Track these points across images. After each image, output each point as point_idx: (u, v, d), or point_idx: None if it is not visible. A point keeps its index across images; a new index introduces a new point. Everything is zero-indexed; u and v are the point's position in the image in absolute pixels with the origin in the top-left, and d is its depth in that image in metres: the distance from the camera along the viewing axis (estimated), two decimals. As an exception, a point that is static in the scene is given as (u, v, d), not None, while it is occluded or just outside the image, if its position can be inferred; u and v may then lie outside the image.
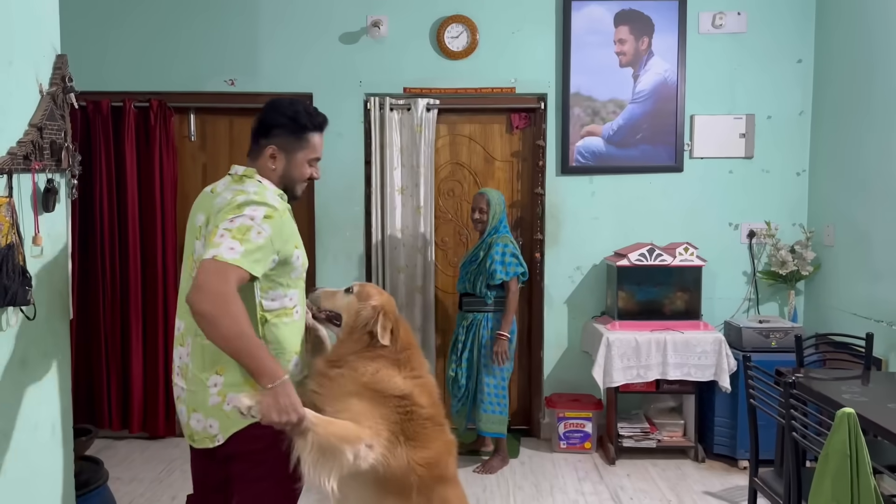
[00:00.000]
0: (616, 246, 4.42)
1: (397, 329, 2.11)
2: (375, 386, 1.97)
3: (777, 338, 4.06)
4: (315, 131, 2.12)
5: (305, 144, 2.10)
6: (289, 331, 2.02)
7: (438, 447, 2.02)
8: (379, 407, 1.95)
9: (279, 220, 1.95)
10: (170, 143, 4.45)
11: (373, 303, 2.11)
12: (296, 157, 2.10)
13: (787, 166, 4.45)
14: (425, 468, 1.96)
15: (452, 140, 4.61)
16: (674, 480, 3.89)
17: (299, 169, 2.12)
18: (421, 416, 2.01)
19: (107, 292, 4.42)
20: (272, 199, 2.01)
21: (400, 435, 1.95)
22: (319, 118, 2.14)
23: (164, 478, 3.93)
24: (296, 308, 2.06)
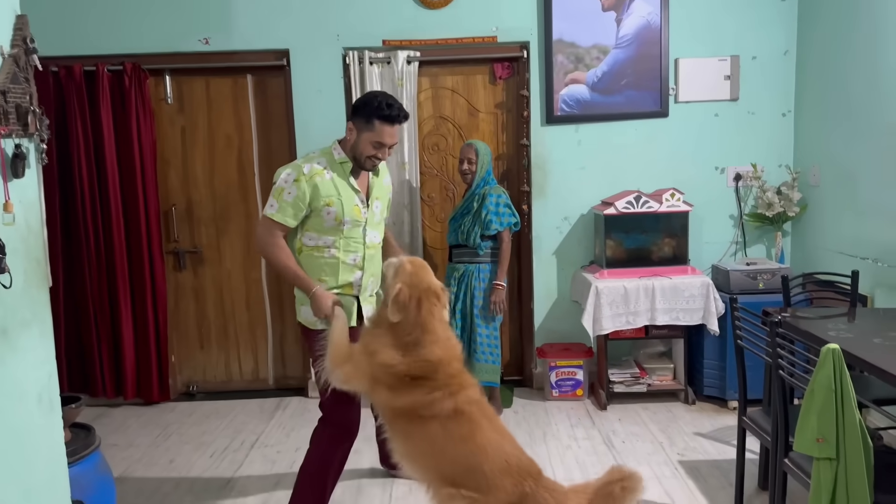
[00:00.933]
0: (603, 195, 4.40)
1: (410, 310, 2.29)
2: (370, 347, 2.31)
3: (764, 279, 4.08)
4: (382, 121, 2.68)
5: (371, 129, 2.69)
6: (318, 263, 2.74)
7: (417, 394, 2.25)
8: (366, 359, 2.33)
9: (306, 182, 2.66)
10: (146, 107, 4.37)
11: (396, 281, 2.34)
12: (363, 136, 2.71)
13: (772, 107, 4.41)
14: (404, 409, 2.27)
15: (435, 93, 4.54)
16: (665, 423, 3.95)
17: (363, 146, 2.72)
18: (400, 373, 2.27)
19: (91, 259, 4.38)
20: (311, 164, 2.71)
21: (380, 384, 2.30)
22: (388, 111, 2.67)
23: (161, 442, 3.96)
24: (328, 248, 2.74)
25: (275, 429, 4.08)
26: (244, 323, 4.71)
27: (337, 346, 2.43)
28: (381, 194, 2.94)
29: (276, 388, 4.74)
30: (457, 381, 2.30)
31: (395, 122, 2.71)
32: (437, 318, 2.34)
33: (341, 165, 2.76)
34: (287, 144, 4.48)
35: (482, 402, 2.33)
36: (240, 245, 4.63)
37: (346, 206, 2.73)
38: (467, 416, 2.23)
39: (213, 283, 4.67)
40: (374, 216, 2.87)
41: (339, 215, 2.71)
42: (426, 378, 2.26)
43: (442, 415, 2.23)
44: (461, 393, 2.27)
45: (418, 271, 2.40)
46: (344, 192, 2.75)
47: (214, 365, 4.75)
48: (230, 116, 4.54)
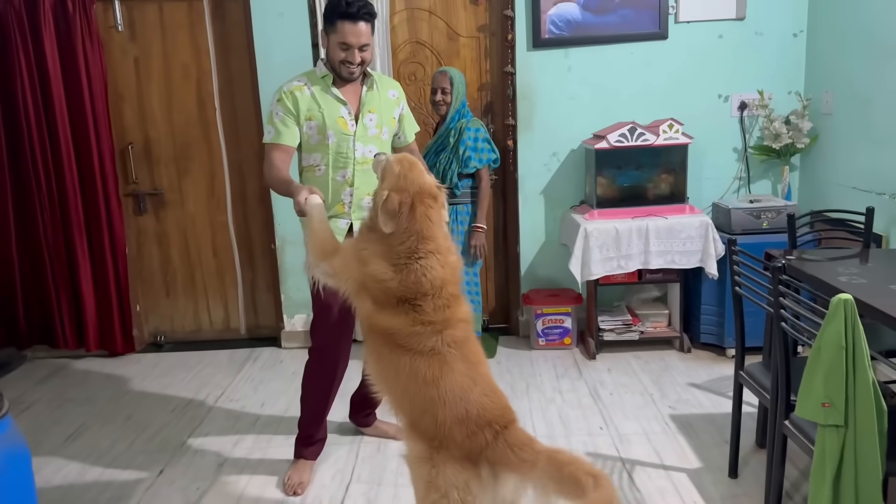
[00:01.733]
0: (595, 127, 4.02)
1: (403, 217, 2.03)
2: (362, 254, 2.09)
3: (769, 218, 3.75)
4: (342, 19, 2.51)
5: (334, 29, 2.54)
6: (313, 181, 2.66)
7: (400, 321, 2.02)
8: (356, 264, 2.11)
9: (288, 99, 2.61)
10: (93, 35, 3.97)
11: (384, 186, 2.09)
12: (330, 40, 2.58)
13: (782, 27, 3.98)
14: (383, 330, 2.05)
15: (410, 15, 4.12)
16: (657, 373, 3.69)
17: (332, 52, 2.58)
18: (389, 290, 2.03)
19: (44, 204, 4.07)
20: (290, 82, 2.65)
21: (366, 292, 2.08)
22: (346, 7, 2.49)
23: (120, 396, 3.73)
24: (318, 167, 2.68)
25: (242, 382, 3.83)
26: (212, 270, 4.42)
27: (319, 237, 2.27)
28: (380, 107, 2.73)
29: (249, 339, 4.48)
30: (445, 315, 2.04)
31: (358, 19, 2.52)
32: (436, 221, 2.07)
33: (323, 79, 2.66)
34: (248, 73, 4.09)
35: (468, 342, 2.07)
36: (203, 186, 4.30)
37: (327, 117, 2.63)
38: (441, 358, 2.00)
39: (176, 228, 4.36)
40: (367, 129, 2.69)
41: (321, 127, 2.63)
42: (415, 302, 2.02)
43: (415, 351, 2.00)
44: (446, 332, 2.03)
45: (408, 172, 2.11)
46: (326, 105, 2.64)
47: (182, 314, 4.48)
48: (186, 44, 4.14)
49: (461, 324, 2.08)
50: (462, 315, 2.11)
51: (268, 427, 3.27)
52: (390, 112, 2.77)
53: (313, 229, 2.29)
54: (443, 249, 2.06)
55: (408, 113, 2.88)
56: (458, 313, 2.09)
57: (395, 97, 2.80)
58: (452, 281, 2.09)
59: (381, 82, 2.75)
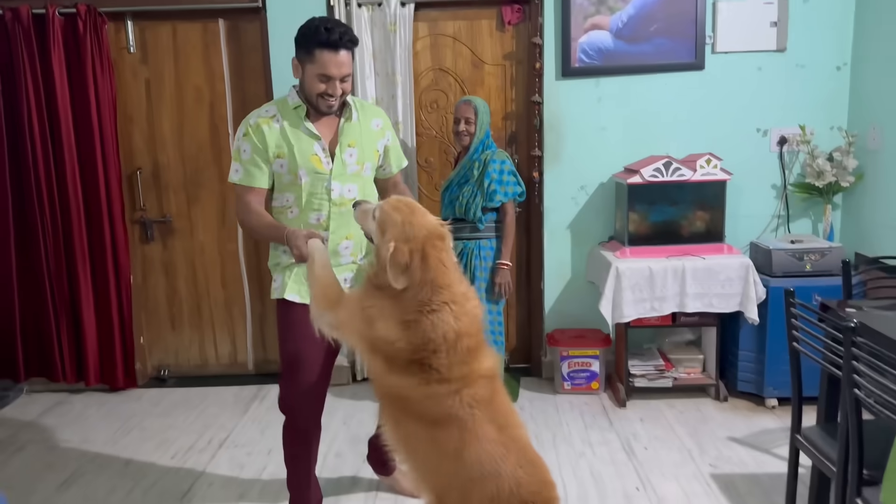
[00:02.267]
0: (626, 160, 3.82)
1: (415, 269, 1.85)
2: (368, 312, 1.90)
3: (812, 260, 3.52)
4: (322, 48, 2.22)
5: (313, 59, 2.25)
6: (285, 224, 2.35)
7: (412, 383, 1.84)
8: (363, 322, 1.92)
9: (254, 134, 2.32)
10: (104, 56, 3.80)
11: (387, 237, 1.89)
12: (307, 71, 2.29)
13: (825, 59, 3.79)
14: (395, 394, 1.89)
15: (434, 41, 3.94)
16: (693, 424, 3.44)
17: (309, 83, 2.29)
18: (400, 350, 1.84)
19: (47, 230, 3.88)
20: (257, 114, 2.37)
21: (376, 351, 1.89)
22: (326, 35, 2.21)
23: (120, 438, 3.50)
24: (290, 208, 2.40)
25: (248, 424, 3.60)
26: (220, 301, 4.21)
27: (322, 284, 2.07)
28: (361, 140, 2.43)
29: (257, 374, 4.26)
30: (463, 372, 1.83)
31: (339, 48, 2.24)
32: (449, 266, 1.89)
33: (295, 111, 2.36)
34: (264, 98, 3.90)
35: (494, 400, 1.87)
36: (214, 214, 4.11)
37: (299, 155, 2.33)
38: (462, 423, 1.79)
39: (184, 257, 4.17)
40: (346, 167, 2.40)
41: (291, 167, 2.34)
42: (426, 361, 1.82)
43: (432, 418, 1.80)
44: (465, 391, 1.82)
45: (410, 217, 1.91)
46: (297, 141, 2.34)
47: (187, 348, 4.27)
48: (200, 67, 3.97)
49: (483, 381, 1.87)
50: (484, 370, 1.89)
51: (275, 480, 3.03)
52: (373, 145, 2.48)
53: (316, 275, 2.09)
54: (458, 298, 1.85)
55: (394, 144, 2.59)
56: (480, 368, 1.87)
57: (378, 127, 2.50)
58: (470, 332, 1.87)
59: (362, 111, 2.46)
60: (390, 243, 1.86)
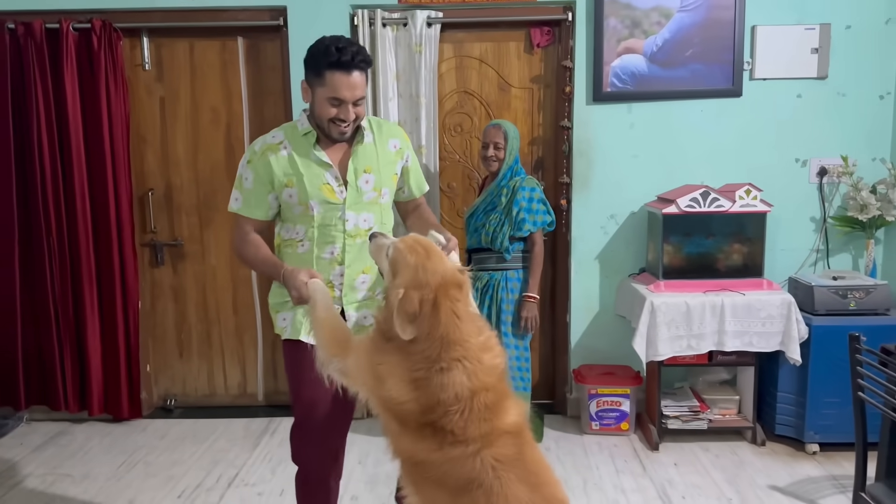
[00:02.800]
0: (659, 189, 3.66)
1: (424, 320, 1.67)
2: (377, 369, 1.73)
3: (856, 298, 3.34)
4: (333, 69, 2.05)
5: (323, 82, 2.07)
6: (294, 259, 2.20)
7: (426, 446, 1.68)
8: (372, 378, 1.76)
9: (259, 161, 2.15)
10: (118, 73, 3.67)
11: (397, 282, 1.73)
12: (317, 94, 2.11)
13: (868, 88, 3.64)
14: (410, 457, 1.73)
15: (459, 63, 3.81)
16: (731, 470, 3.24)
17: (319, 108, 2.11)
18: (412, 414, 1.69)
19: (53, 253, 3.73)
20: (263, 140, 2.20)
21: (388, 410, 1.74)
22: (337, 56, 2.03)
23: (123, 474, 3.31)
24: (300, 242, 2.21)
25: (259, 461, 3.41)
26: (230, 328, 4.04)
27: (328, 328, 1.91)
28: (378, 165, 2.22)
29: (266, 405, 4.07)
30: (482, 430, 1.64)
31: (352, 69, 2.05)
32: (464, 317, 1.69)
33: (304, 137, 2.17)
34: (283, 119, 3.77)
35: (523, 457, 1.67)
36: (226, 238, 3.95)
37: (309, 185, 2.14)
38: (486, 489, 1.61)
39: (195, 282, 4.00)
40: (362, 194, 2.19)
41: (301, 198, 2.15)
42: (441, 424, 1.64)
43: (450, 485, 1.63)
44: (485, 451, 1.63)
45: (425, 261, 1.72)
46: (307, 169, 2.15)
47: (195, 376, 4.08)
48: (217, 86, 3.84)
49: (507, 437, 1.68)
50: (508, 425, 1.69)
51: (289, 523, 2.84)
52: (391, 168, 2.27)
53: (319, 319, 1.92)
54: (472, 355, 1.67)
55: (415, 166, 2.38)
56: (503, 424, 1.68)
57: (396, 148, 2.29)
58: (487, 386, 1.68)
59: (378, 131, 2.26)
60: (400, 289, 1.69)
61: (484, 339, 1.73)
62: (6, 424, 3.84)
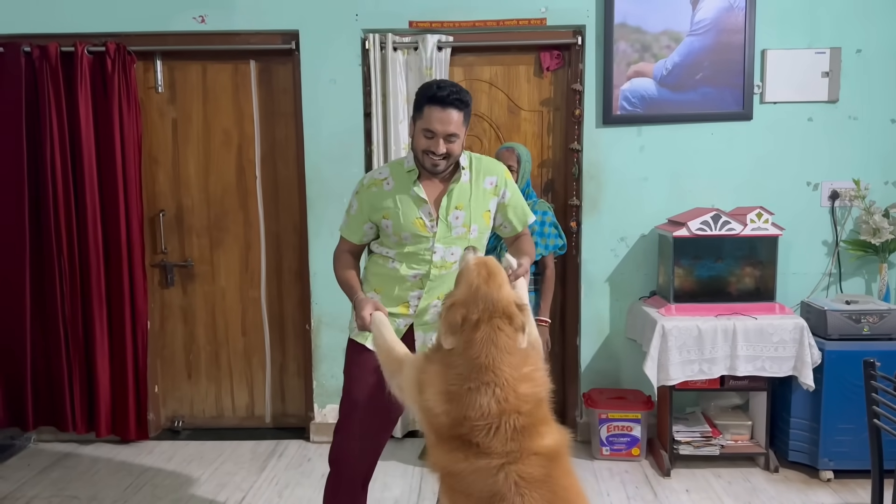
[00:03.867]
0: (669, 212, 3.65)
1: (466, 336, 1.71)
2: (421, 377, 1.79)
3: (870, 323, 3.30)
4: (430, 104, 2.22)
5: (420, 115, 2.25)
6: (380, 271, 2.41)
7: (455, 458, 1.69)
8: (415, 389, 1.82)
9: (364, 194, 2.38)
10: (131, 95, 3.71)
11: (453, 292, 1.81)
12: (415, 126, 2.29)
13: (879, 112, 3.63)
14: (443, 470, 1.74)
15: (469, 87, 3.81)
16: (744, 498, 3.19)
17: (416, 139, 2.29)
18: (444, 426, 1.72)
19: (64, 273, 3.74)
20: (371, 175, 2.42)
21: (427, 422, 1.78)
22: (436, 91, 2.22)
23: (130, 496, 3.28)
24: (391, 260, 2.39)
25: (265, 485, 3.38)
26: (239, 350, 4.03)
27: (386, 352, 2.07)
28: (470, 203, 2.35)
29: (274, 428, 4.05)
30: (509, 448, 1.65)
31: (447, 105, 2.20)
32: (503, 348, 1.70)
33: (408, 174, 2.35)
34: (294, 142, 3.80)
35: (551, 481, 1.66)
36: (237, 259, 3.96)
37: (404, 219, 2.32)
38: (508, 503, 1.60)
39: (204, 303, 4.00)
40: (452, 230, 2.34)
41: (396, 229, 2.34)
42: (468, 437, 1.66)
43: (475, 495, 1.64)
44: (511, 467, 1.63)
45: (482, 283, 1.76)
46: (403, 204, 2.33)
47: (203, 398, 4.07)
48: (229, 108, 3.87)
49: (536, 458, 1.66)
50: (540, 447, 1.68)
51: (296, 548, 2.81)
52: (484, 206, 2.38)
53: (379, 346, 2.09)
54: (503, 383, 1.67)
55: (514, 200, 2.45)
56: (534, 445, 1.67)
57: (492, 185, 2.40)
58: (520, 411, 1.67)
59: (476, 170, 2.38)
60: (450, 300, 1.78)
61: (528, 370, 1.74)
62: (13, 445, 3.83)
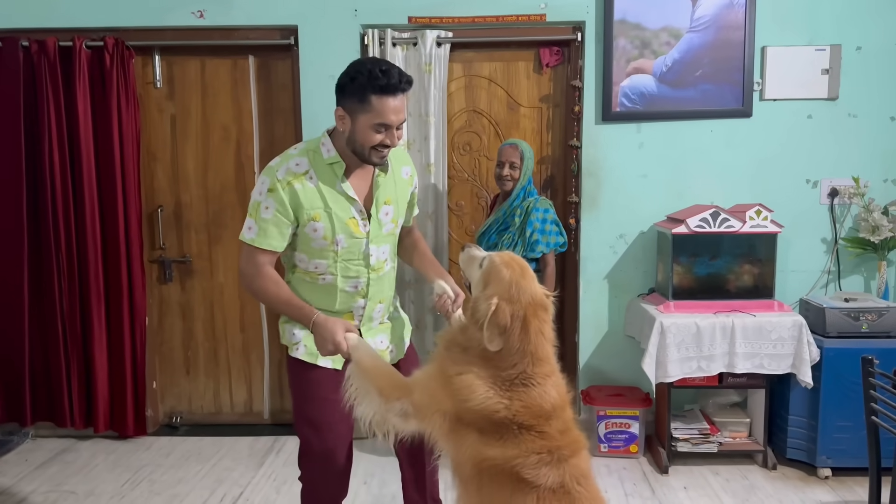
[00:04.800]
0: (668, 209, 3.65)
1: (514, 333, 1.71)
2: (453, 388, 1.74)
3: (869, 320, 3.30)
4: (380, 94, 1.94)
5: (368, 108, 1.96)
6: (315, 291, 2.14)
7: (520, 450, 1.69)
8: (448, 395, 1.75)
9: (283, 191, 2.01)
10: (130, 91, 3.70)
11: (489, 293, 1.76)
12: (359, 120, 1.98)
13: (879, 109, 3.62)
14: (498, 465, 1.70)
15: (469, 82, 3.82)
16: (742, 495, 3.19)
17: (362, 134, 1.99)
18: (503, 419, 1.70)
19: (62, 270, 3.73)
20: (286, 167, 2.03)
21: (468, 426, 1.73)
22: (384, 79, 1.93)
23: (128, 492, 3.29)
24: (322, 275, 2.13)
25: (264, 480, 3.38)
26: (237, 346, 4.03)
27: (382, 374, 1.90)
28: (395, 194, 2.21)
29: (272, 424, 4.05)
30: (568, 440, 1.73)
31: (398, 91, 1.96)
32: (549, 339, 1.78)
33: (331, 167, 2.07)
34: (293, 138, 3.79)
35: (590, 478, 1.75)
36: (235, 255, 3.95)
37: (336, 221, 2.07)
38: (571, 495, 1.68)
39: (202, 299, 4.00)
40: (382, 227, 2.17)
41: (327, 233, 2.08)
42: (535, 429, 1.70)
43: (545, 486, 1.67)
44: (570, 460, 1.71)
45: (520, 279, 1.78)
46: (335, 203, 2.07)
47: (201, 394, 4.07)
48: (228, 104, 3.86)
49: (582, 453, 1.77)
50: (582, 441, 1.80)
51: (293, 544, 2.81)
52: (405, 197, 2.26)
53: (368, 369, 1.90)
54: (557, 373, 1.75)
55: (416, 191, 2.36)
56: (579, 439, 1.79)
57: (408, 175, 2.27)
58: (569, 401, 1.80)
59: (394, 160, 2.20)
60: (493, 300, 1.73)
61: (558, 374, 1.81)
62: (11, 441, 3.83)
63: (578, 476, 1.69)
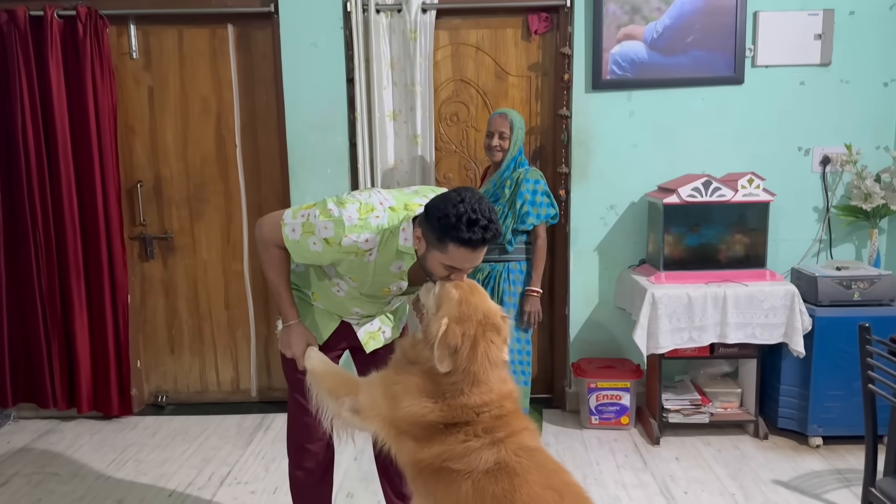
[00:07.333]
0: (660, 179, 3.59)
1: (462, 355, 1.74)
2: (394, 390, 1.81)
3: (860, 289, 3.28)
4: (458, 245, 1.83)
5: (443, 249, 1.86)
6: (327, 297, 2.20)
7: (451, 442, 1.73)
8: (387, 403, 1.82)
9: (337, 252, 1.97)
10: (104, 62, 3.57)
11: (441, 314, 1.79)
12: (432, 254, 1.90)
13: (872, 75, 3.57)
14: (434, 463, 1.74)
15: (455, 51, 3.72)
16: (733, 465, 3.18)
17: (431, 265, 1.92)
18: (431, 422, 1.75)
19: (40, 247, 3.63)
20: (356, 237, 1.94)
21: (404, 434, 1.79)
22: (467, 233, 1.79)
23: (113, 472, 3.23)
24: (338, 289, 2.17)
25: (252, 458, 3.34)
26: (222, 323, 3.95)
27: (333, 374, 2.00)
28: None
29: (260, 402, 4.00)
30: (504, 422, 1.74)
31: (479, 246, 1.83)
32: (494, 362, 1.77)
33: (401, 254, 2.00)
34: (275, 109, 3.69)
35: (539, 451, 1.75)
36: (218, 231, 3.87)
37: (371, 284, 2.09)
38: (510, 469, 1.67)
39: (185, 276, 3.92)
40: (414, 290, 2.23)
41: (357, 287, 2.11)
42: (464, 423, 1.73)
43: (477, 469, 1.69)
44: (508, 440, 1.71)
45: (468, 297, 1.80)
46: (381, 275, 2.05)
47: (187, 372, 4.00)
48: (207, 75, 3.74)
49: (527, 432, 1.77)
50: (525, 424, 1.80)
51: (283, 522, 2.77)
52: None
53: (321, 372, 2.01)
54: (491, 400, 1.75)
55: None
56: (521, 422, 1.79)
57: None
58: (508, 397, 1.81)
59: None
60: (443, 320, 1.74)
61: (508, 388, 1.80)
62: (-7, 422, 3.77)
63: (517, 449, 1.69)
